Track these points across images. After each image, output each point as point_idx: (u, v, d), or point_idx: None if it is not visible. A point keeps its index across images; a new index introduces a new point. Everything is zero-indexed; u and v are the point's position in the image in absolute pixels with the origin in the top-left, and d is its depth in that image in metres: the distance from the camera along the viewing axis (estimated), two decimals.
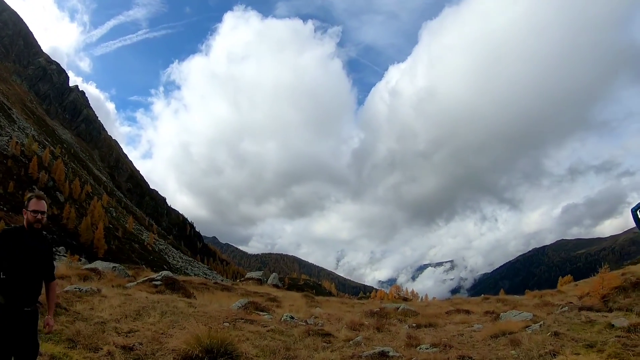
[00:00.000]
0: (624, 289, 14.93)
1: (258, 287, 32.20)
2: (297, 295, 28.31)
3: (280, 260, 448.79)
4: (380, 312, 16.13)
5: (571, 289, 30.67)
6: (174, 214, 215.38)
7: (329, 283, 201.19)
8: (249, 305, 13.61)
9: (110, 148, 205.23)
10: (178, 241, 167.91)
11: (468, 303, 28.00)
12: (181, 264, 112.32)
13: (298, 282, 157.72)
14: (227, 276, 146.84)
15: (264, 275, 37.34)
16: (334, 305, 24.43)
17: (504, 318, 13.03)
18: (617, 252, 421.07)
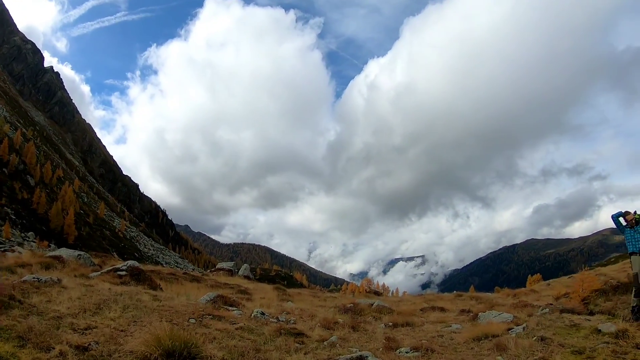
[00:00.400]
0: (605, 291, 14.67)
1: (229, 279, 31.41)
2: (268, 288, 27.59)
3: (252, 250, 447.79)
4: (354, 308, 15.56)
5: (544, 289, 30.59)
6: (147, 201, 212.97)
7: (300, 275, 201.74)
8: (217, 300, 12.80)
9: (83, 132, 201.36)
10: (150, 229, 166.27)
11: (441, 300, 27.67)
12: (152, 252, 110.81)
13: (270, 273, 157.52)
14: (198, 265, 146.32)
15: (235, 266, 36.52)
16: (306, 299, 23.83)
17: (483, 318, 12.55)
18: (585, 253, 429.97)
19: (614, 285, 14.72)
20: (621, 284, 14.68)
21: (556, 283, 40.71)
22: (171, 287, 17.97)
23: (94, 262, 21.60)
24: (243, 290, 23.19)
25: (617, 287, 14.57)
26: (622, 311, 12.45)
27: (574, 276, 50.39)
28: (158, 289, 14.98)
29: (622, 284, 14.65)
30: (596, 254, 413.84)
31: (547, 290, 28.20)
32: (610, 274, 36.13)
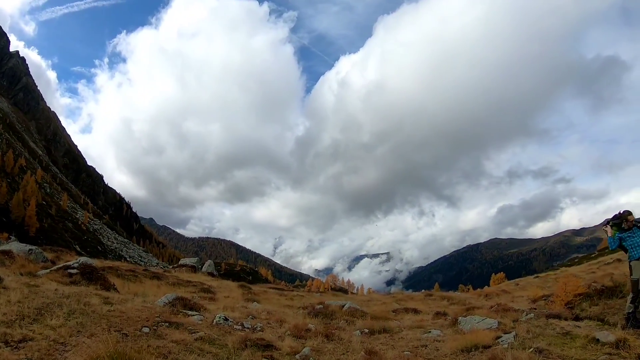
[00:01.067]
0: (589, 296, 13.90)
1: (192, 275, 30.04)
2: (233, 286, 26.40)
3: (217, 245, 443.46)
4: (324, 310, 14.54)
5: (515, 289, 30.08)
6: (111, 192, 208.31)
7: (265, 270, 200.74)
8: (177, 302, 11.50)
9: (48, 120, 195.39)
10: (114, 221, 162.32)
11: (412, 299, 26.93)
12: (116, 246, 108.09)
13: (235, 268, 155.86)
14: (163, 260, 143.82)
15: (198, 262, 35.02)
16: (272, 298, 22.77)
17: (465, 324, 11.63)
18: (547, 253, 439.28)
19: (599, 289, 13.98)
20: (606, 287, 13.96)
21: (525, 283, 40.49)
22: (128, 286, 16.64)
23: (46, 257, 19.96)
24: (206, 288, 21.99)
25: (602, 291, 13.85)
26: (612, 317, 11.73)
27: (540, 276, 50.48)
28: (112, 289, 13.54)
29: (607, 288, 13.93)
30: (558, 254, 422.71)
31: (519, 291, 27.67)
32: (580, 275, 35.98)
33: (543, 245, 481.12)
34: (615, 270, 34.91)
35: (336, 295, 30.84)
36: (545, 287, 29.47)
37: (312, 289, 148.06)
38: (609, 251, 65.35)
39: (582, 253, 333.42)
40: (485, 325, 10.93)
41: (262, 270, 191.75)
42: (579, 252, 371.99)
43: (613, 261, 42.83)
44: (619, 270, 33.93)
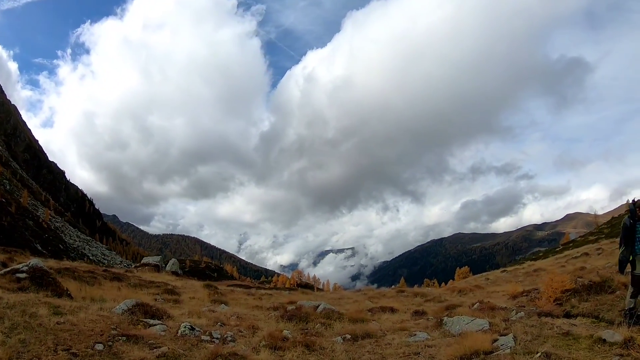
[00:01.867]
0: (577, 291, 13.24)
1: (155, 275, 28.58)
2: (198, 285, 25.06)
3: (181, 241, 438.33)
4: (297, 312, 13.51)
5: (488, 285, 29.58)
6: (73, 189, 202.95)
7: (230, 267, 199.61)
8: (137, 309, 10.12)
9: (8, 114, 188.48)
10: (76, 219, 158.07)
11: (384, 296, 26.10)
12: (79, 244, 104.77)
13: (200, 266, 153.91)
14: (126, 257, 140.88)
15: (162, 261, 33.48)
16: (240, 298, 21.60)
17: (452, 325, 10.77)
18: (509, 247, 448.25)
19: (586, 284, 13.33)
20: (594, 283, 13.31)
21: (495, 278, 40.17)
22: (85, 291, 15.17)
23: None
24: (170, 289, 20.69)
25: (590, 287, 13.20)
26: (607, 314, 11.06)
27: (508, 270, 50.33)
28: (65, 295, 11.94)
29: (594, 283, 13.29)
30: (520, 249, 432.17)
31: (492, 286, 27.09)
32: (549, 269, 35.77)
33: (506, 240, 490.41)
34: (584, 264, 34.83)
35: (305, 293, 29.84)
36: (519, 282, 29.06)
37: (278, 285, 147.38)
38: (573, 245, 66.27)
39: (543, 247, 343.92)
40: (476, 327, 10.09)
41: (228, 267, 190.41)
42: (541, 246, 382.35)
43: (580, 255, 42.89)
44: (589, 264, 33.85)
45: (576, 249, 56.72)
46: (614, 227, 67.43)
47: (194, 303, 17.15)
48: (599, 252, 40.85)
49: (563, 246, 75.42)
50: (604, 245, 46.74)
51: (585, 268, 28.57)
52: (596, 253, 41.36)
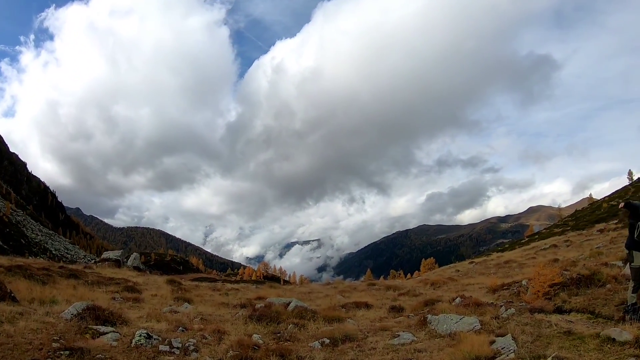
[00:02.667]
0: (565, 285, 12.50)
1: (116, 271, 27.06)
2: (161, 281, 23.74)
3: (146, 234, 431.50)
4: (267, 311, 12.43)
5: (461, 277, 28.92)
6: (35, 181, 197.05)
7: (196, 259, 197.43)
8: (87, 314, 8.79)
9: None
10: (38, 212, 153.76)
11: (355, 290, 25.23)
12: (41, 238, 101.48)
13: (165, 259, 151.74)
14: (90, 251, 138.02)
15: (123, 255, 31.84)
16: (206, 295, 20.40)
17: (438, 324, 9.84)
18: (474, 238, 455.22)
19: (575, 278, 12.60)
20: (582, 276, 12.60)
21: (465, 269, 39.70)
22: (36, 291, 13.78)
23: None
24: (131, 286, 19.34)
25: (579, 280, 12.48)
26: (603, 309, 10.31)
27: (476, 261, 50.06)
28: (8, 298, 10.52)
29: (583, 277, 12.57)
30: (484, 240, 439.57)
31: (465, 279, 26.43)
32: (520, 261, 35.46)
33: (470, 232, 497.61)
34: (555, 255, 34.59)
35: (273, 287, 28.71)
36: (492, 274, 28.55)
37: (245, 277, 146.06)
38: (539, 237, 66.61)
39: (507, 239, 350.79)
40: (466, 326, 9.20)
41: (193, 259, 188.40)
42: (505, 238, 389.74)
43: (549, 247, 42.82)
44: (560, 255, 33.54)
45: (542, 240, 56.90)
46: (579, 220, 68.10)
47: (156, 301, 16.00)
48: (568, 244, 40.81)
49: (528, 238, 75.80)
50: (572, 237, 46.88)
51: (558, 260, 28.23)
52: (565, 245, 41.32)
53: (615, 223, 46.73)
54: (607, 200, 78.13)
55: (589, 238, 41.53)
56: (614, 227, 43.46)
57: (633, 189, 74.97)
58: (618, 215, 51.77)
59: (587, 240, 39.66)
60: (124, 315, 9.83)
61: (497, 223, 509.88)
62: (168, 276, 28.10)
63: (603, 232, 43.73)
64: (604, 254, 25.17)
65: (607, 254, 24.80)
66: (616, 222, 46.88)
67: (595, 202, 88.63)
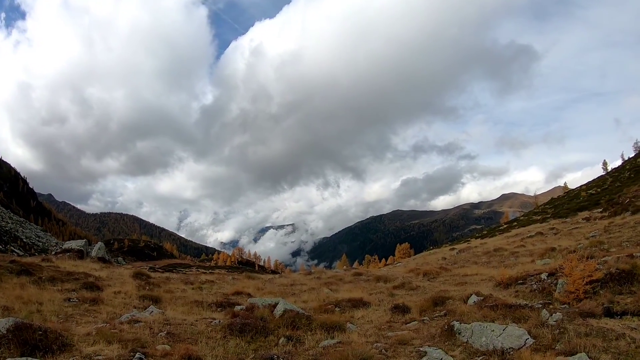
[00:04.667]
0: (605, 281, 10.52)
1: (77, 263, 24.21)
2: (127, 275, 21.06)
3: (120, 220, 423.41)
4: (250, 317, 10.23)
5: (454, 267, 26.87)
6: (6, 167, 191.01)
7: (170, 245, 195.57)
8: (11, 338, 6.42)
9: None
10: (9, 199, 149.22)
11: (341, 281, 23.17)
12: (11, 226, 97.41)
13: (139, 245, 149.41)
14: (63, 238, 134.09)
15: (86, 245, 29.05)
16: (177, 290, 18.04)
17: (470, 335, 7.76)
18: (447, 224, 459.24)
19: (614, 273, 10.64)
20: (623, 272, 10.63)
21: (453, 258, 37.98)
22: None
23: None
24: (91, 283, 16.70)
25: (620, 277, 10.52)
26: None
27: (457, 247, 48.57)
28: None
29: (625, 272, 10.61)
30: (457, 226, 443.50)
31: (460, 269, 24.32)
32: (509, 248, 33.75)
33: (443, 217, 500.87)
34: (545, 243, 33.07)
35: (251, 277, 26.30)
36: (485, 264, 26.76)
37: (219, 263, 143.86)
38: (518, 224, 65.50)
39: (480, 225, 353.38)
40: (514, 340, 7.15)
41: (167, 245, 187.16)
42: (478, 224, 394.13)
43: (535, 234, 41.45)
44: (550, 243, 32.02)
45: (523, 228, 55.82)
46: (557, 208, 67.42)
47: (118, 302, 13.69)
48: (555, 232, 39.50)
49: (507, 224, 74.80)
50: (556, 225, 45.69)
51: (555, 249, 26.53)
52: (552, 233, 39.98)
53: (600, 211, 45.68)
54: (584, 189, 77.74)
55: (576, 226, 40.29)
56: (601, 216, 42.40)
57: (611, 178, 74.58)
58: (600, 203, 51.17)
59: (575, 229, 38.37)
60: (66, 333, 7.41)
61: (470, 209, 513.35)
62: (136, 267, 25.55)
63: (590, 220, 42.72)
64: (606, 243, 23.59)
65: (609, 243, 23.23)
66: (601, 211, 45.80)
67: (571, 190, 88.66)
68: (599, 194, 62.94)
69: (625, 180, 65.60)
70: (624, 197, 47.31)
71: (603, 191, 64.95)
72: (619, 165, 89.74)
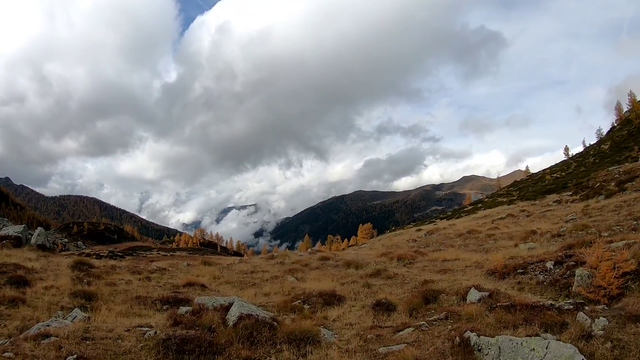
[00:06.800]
0: (637, 274, 8.51)
1: (12, 252, 20.96)
2: (64, 266, 18.06)
3: (80, 203, 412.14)
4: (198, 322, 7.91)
5: (428, 251, 24.80)
6: None
7: (131, 227, 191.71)
8: None
9: None
10: None
11: (307, 267, 21.05)
12: None
13: (99, 228, 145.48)
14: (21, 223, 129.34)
15: (25, 231, 25.97)
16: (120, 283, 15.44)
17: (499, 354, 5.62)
18: (408, 205, 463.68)
19: None
20: None
21: (423, 240, 36.23)
22: None
23: None
24: (19, 277, 13.81)
25: None
26: None
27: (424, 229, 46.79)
28: None
29: None
30: (419, 207, 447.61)
31: (436, 253, 22.06)
32: (483, 231, 32.10)
33: (405, 198, 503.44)
34: (517, 226, 31.66)
35: (208, 262, 23.79)
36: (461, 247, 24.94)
37: (181, 245, 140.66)
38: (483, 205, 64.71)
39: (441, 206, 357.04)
40: None
41: (128, 227, 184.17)
42: (439, 205, 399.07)
43: (506, 216, 40.17)
44: (524, 226, 30.57)
45: (490, 209, 55.06)
46: (522, 190, 67.27)
47: (44, 302, 11.26)
48: (527, 215, 38.34)
49: (472, 206, 74.11)
50: (526, 207, 44.95)
51: (536, 232, 24.88)
52: (523, 215, 38.88)
53: (570, 195, 45.31)
54: (549, 172, 78.22)
55: (548, 209, 39.54)
56: (572, 199, 42.05)
57: (575, 163, 75.33)
58: (568, 187, 50.83)
59: (548, 211, 37.53)
60: None
61: (432, 191, 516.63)
62: (78, 256, 22.67)
63: (562, 203, 42.29)
64: (592, 227, 21.96)
65: (596, 227, 21.56)
66: (571, 194, 45.24)
67: (535, 174, 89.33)
68: (565, 178, 63.64)
69: (590, 165, 66.23)
70: (593, 182, 46.98)
71: (568, 175, 65.73)
72: (582, 151, 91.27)
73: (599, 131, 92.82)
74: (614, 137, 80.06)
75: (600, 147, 79.22)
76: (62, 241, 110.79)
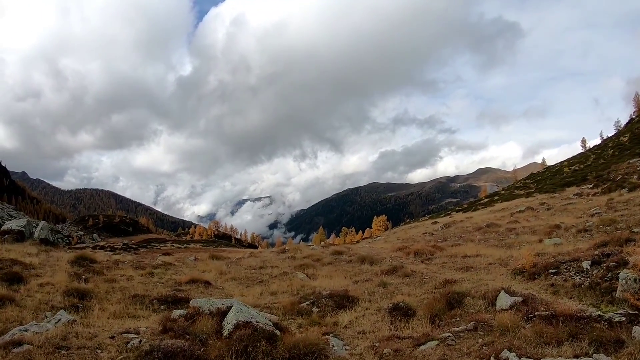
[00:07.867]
0: None
1: (12, 247, 19.96)
2: (63, 262, 17.10)
3: (95, 196, 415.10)
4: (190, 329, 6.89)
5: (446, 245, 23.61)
6: None
7: (146, 219, 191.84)
8: None
9: None
10: None
11: (318, 262, 20.12)
12: None
13: (114, 220, 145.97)
14: (37, 217, 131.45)
15: (28, 226, 25.25)
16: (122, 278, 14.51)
17: None
18: (423, 197, 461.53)
19: None
20: None
21: (440, 233, 35.02)
22: None
23: None
24: (14, 273, 12.83)
25: None
26: None
27: (441, 221, 45.56)
28: None
29: None
30: (433, 199, 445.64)
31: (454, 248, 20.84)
32: (503, 224, 30.84)
33: (420, 190, 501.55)
34: (538, 220, 30.31)
35: (216, 257, 22.89)
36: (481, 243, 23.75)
37: (195, 237, 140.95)
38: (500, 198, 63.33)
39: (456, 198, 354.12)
40: None
41: (143, 220, 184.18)
42: (453, 198, 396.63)
43: (525, 209, 38.77)
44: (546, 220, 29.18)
45: (507, 202, 53.56)
46: (540, 183, 65.74)
47: (35, 300, 10.32)
48: (548, 208, 36.87)
49: (488, 198, 72.66)
50: (545, 200, 43.46)
51: (560, 227, 23.65)
52: (543, 208, 37.46)
53: (591, 187, 44.23)
54: (566, 164, 76.33)
55: (569, 202, 38.16)
56: (593, 192, 40.80)
57: (594, 155, 73.15)
58: (588, 179, 49.84)
59: (569, 204, 36.07)
60: None
61: (446, 183, 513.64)
62: (80, 251, 21.75)
63: (582, 196, 40.98)
64: (619, 221, 20.76)
65: (624, 222, 20.34)
66: (591, 187, 44.25)
67: (552, 166, 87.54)
68: (583, 170, 61.79)
69: (609, 158, 64.10)
70: (614, 174, 45.58)
71: (587, 167, 63.69)
72: (600, 143, 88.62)
73: (617, 123, 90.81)
74: (633, 129, 77.88)
75: (619, 139, 77.14)
76: (77, 234, 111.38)
